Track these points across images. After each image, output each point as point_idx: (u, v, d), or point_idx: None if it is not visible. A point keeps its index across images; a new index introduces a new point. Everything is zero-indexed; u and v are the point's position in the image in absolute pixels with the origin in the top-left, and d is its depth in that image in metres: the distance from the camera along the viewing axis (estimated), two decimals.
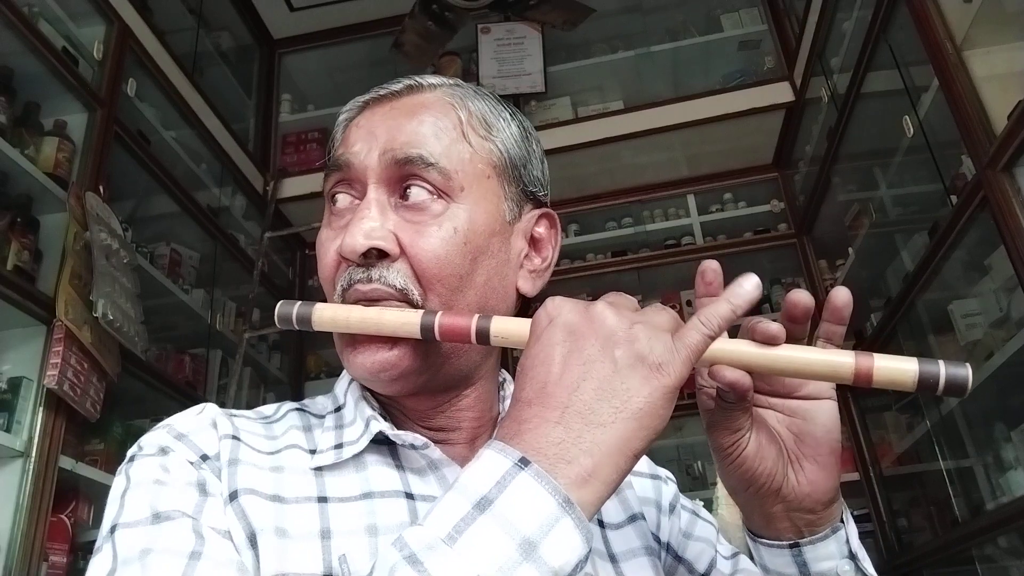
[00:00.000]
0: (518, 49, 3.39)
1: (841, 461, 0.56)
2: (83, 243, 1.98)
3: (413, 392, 0.59)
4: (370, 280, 0.56)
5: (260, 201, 3.28)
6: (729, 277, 0.50)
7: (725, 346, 0.48)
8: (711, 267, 0.52)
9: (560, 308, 0.47)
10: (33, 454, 1.73)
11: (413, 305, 0.56)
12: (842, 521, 0.56)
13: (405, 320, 0.54)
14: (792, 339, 0.50)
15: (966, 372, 0.45)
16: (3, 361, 1.85)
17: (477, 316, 0.53)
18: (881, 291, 2.60)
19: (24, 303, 1.81)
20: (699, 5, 3.52)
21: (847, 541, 0.56)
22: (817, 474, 0.54)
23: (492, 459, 0.42)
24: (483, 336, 0.52)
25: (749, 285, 0.47)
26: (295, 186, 3.30)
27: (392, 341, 0.55)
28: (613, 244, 3.43)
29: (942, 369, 0.45)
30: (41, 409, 1.77)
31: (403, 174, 0.58)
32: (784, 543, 0.55)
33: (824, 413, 0.54)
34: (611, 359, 0.44)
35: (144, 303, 2.22)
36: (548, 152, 0.69)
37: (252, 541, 0.50)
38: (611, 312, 0.46)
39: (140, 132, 2.50)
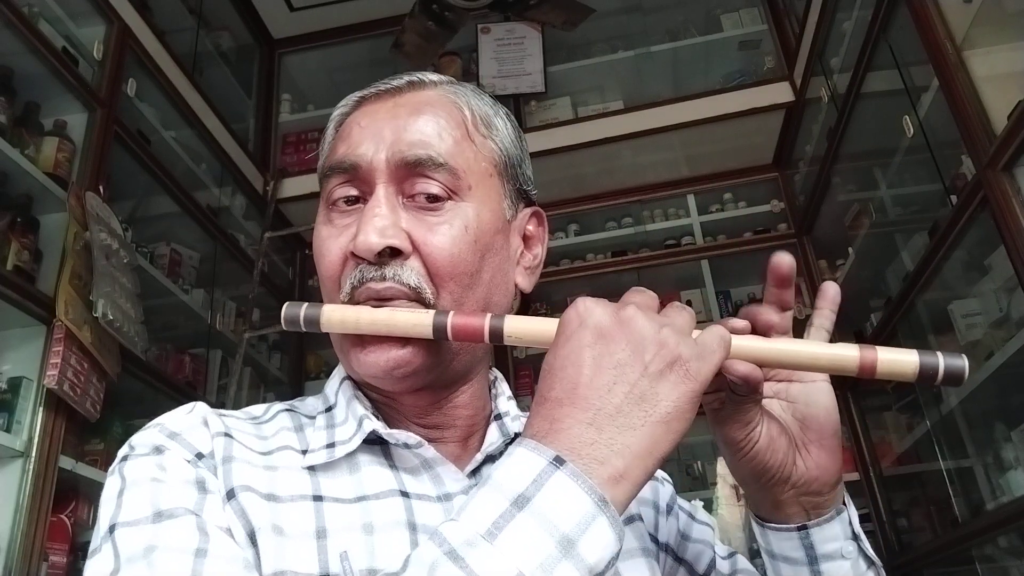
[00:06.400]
0: (518, 49, 3.39)
1: (842, 456, 0.58)
2: (83, 243, 1.98)
3: (419, 389, 0.59)
4: (384, 278, 0.56)
5: (260, 201, 3.28)
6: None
7: (736, 342, 0.50)
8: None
9: (591, 310, 0.47)
10: (33, 454, 1.73)
11: (425, 303, 0.56)
12: (844, 504, 0.58)
13: (417, 321, 0.54)
14: (781, 305, 0.54)
15: (963, 363, 0.48)
16: (3, 361, 1.84)
17: (489, 316, 0.53)
18: (881, 291, 2.60)
19: (24, 303, 1.81)
20: (699, 5, 3.52)
21: (850, 523, 0.57)
22: (823, 458, 0.55)
23: (526, 457, 0.43)
24: (496, 335, 0.53)
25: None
26: (295, 186, 3.30)
27: (403, 339, 0.55)
28: (613, 244, 3.43)
29: (941, 360, 0.48)
30: (41, 409, 1.77)
31: (412, 174, 0.57)
32: (792, 526, 0.56)
33: (823, 394, 0.56)
34: (641, 364, 0.45)
35: (144, 303, 2.22)
36: (548, 152, 0.69)
37: (252, 539, 0.50)
38: (641, 316, 0.46)
39: (140, 132, 2.50)
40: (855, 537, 0.57)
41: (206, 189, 2.94)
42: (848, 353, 0.49)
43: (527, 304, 3.27)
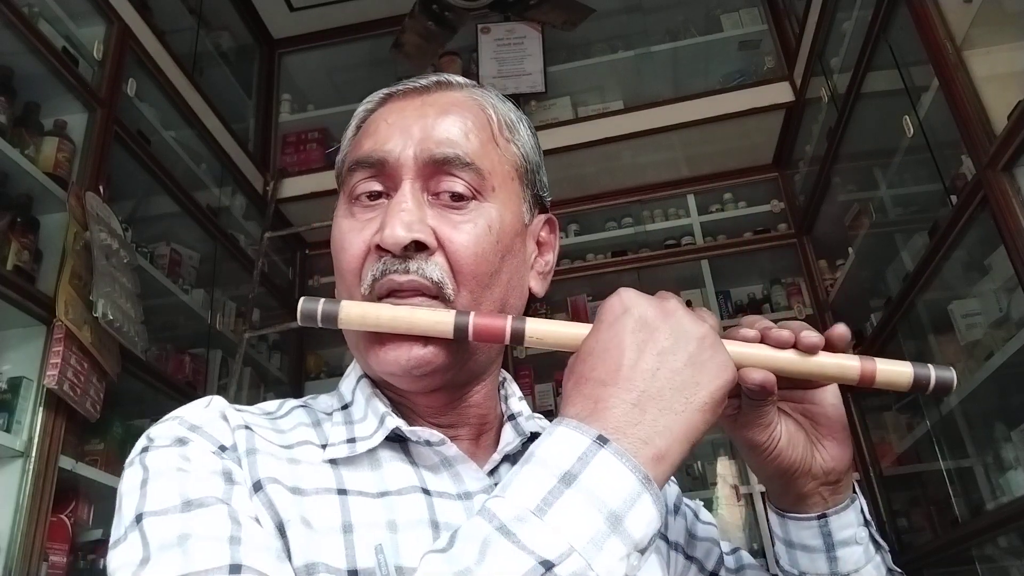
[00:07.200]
0: (518, 49, 3.39)
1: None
2: (83, 243, 1.98)
3: (437, 388, 0.59)
4: (407, 271, 0.56)
5: (260, 201, 3.28)
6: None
7: (748, 351, 0.53)
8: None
9: (635, 300, 0.50)
10: (33, 454, 1.73)
11: (445, 299, 0.56)
12: (855, 492, 0.61)
13: (439, 319, 0.54)
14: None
15: (951, 375, 0.53)
16: (3, 361, 1.84)
17: (511, 317, 0.54)
18: (881, 291, 2.60)
19: (24, 303, 1.81)
20: (699, 5, 3.52)
21: (862, 510, 0.61)
22: (837, 449, 0.59)
23: (568, 436, 0.45)
24: (518, 337, 0.54)
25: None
26: (295, 186, 3.30)
27: (424, 337, 0.56)
28: (613, 244, 3.43)
29: (932, 372, 0.53)
30: (41, 409, 1.77)
31: (439, 172, 0.58)
32: (813, 515, 0.59)
33: (830, 393, 0.60)
34: (685, 353, 0.48)
35: (144, 303, 2.22)
36: (548, 152, 0.70)
37: (281, 531, 0.50)
38: (683, 310, 0.50)
39: (140, 132, 2.50)
40: (866, 523, 0.60)
41: (206, 189, 2.94)
42: (850, 364, 0.53)
43: (527, 304, 3.27)
